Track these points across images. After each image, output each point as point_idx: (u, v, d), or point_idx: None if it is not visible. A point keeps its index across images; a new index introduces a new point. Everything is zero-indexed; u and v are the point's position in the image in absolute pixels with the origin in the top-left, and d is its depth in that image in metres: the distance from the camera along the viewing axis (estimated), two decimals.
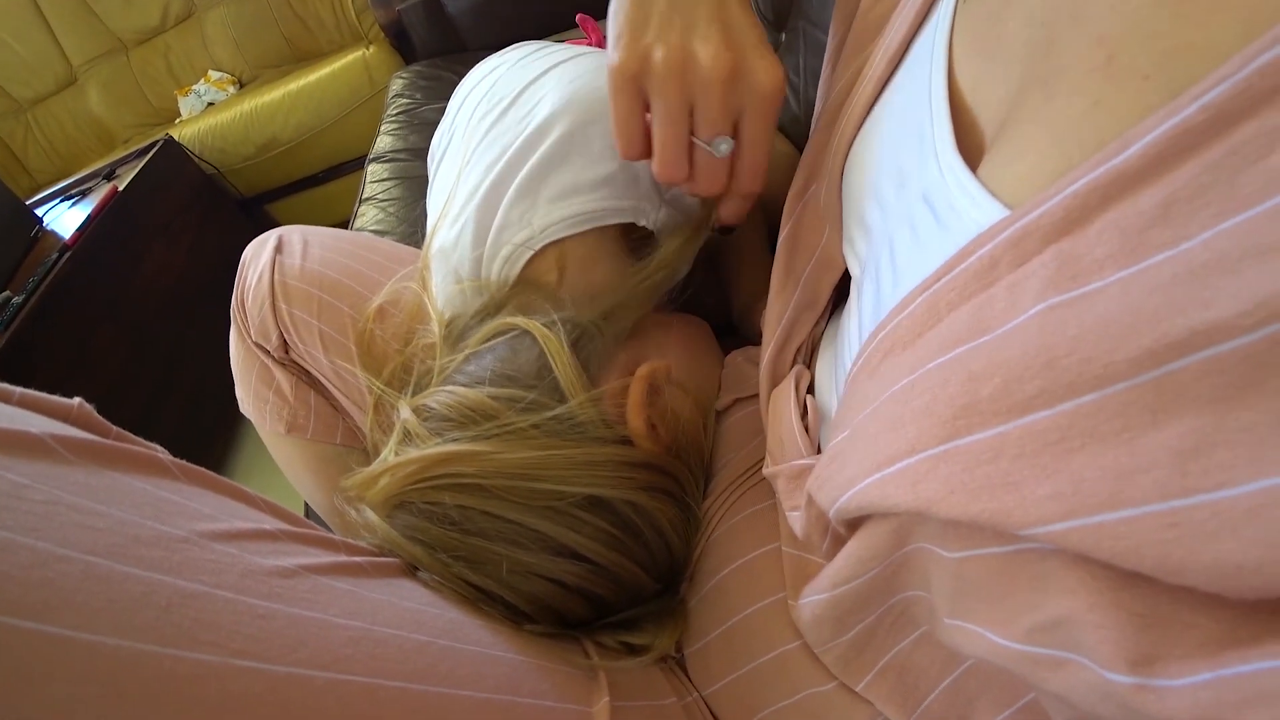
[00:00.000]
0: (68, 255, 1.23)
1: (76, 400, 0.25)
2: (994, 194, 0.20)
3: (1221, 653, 0.13)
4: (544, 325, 0.38)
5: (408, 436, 0.37)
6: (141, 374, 1.31)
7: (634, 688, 0.33)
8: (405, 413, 0.37)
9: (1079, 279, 0.16)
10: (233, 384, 0.58)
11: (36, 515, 0.19)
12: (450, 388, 0.37)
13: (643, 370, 0.38)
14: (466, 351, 0.39)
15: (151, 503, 0.22)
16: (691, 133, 0.35)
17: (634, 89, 0.34)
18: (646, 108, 0.35)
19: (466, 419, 0.35)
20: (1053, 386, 0.15)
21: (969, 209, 0.21)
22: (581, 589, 0.34)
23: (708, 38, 0.32)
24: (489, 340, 0.39)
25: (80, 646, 0.17)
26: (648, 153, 0.36)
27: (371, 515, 0.35)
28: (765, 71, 0.32)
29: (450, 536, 0.33)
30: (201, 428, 1.43)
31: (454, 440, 0.35)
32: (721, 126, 0.34)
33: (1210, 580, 0.13)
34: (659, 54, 0.33)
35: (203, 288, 1.55)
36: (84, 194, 1.47)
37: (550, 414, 0.35)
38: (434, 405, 0.36)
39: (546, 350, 0.37)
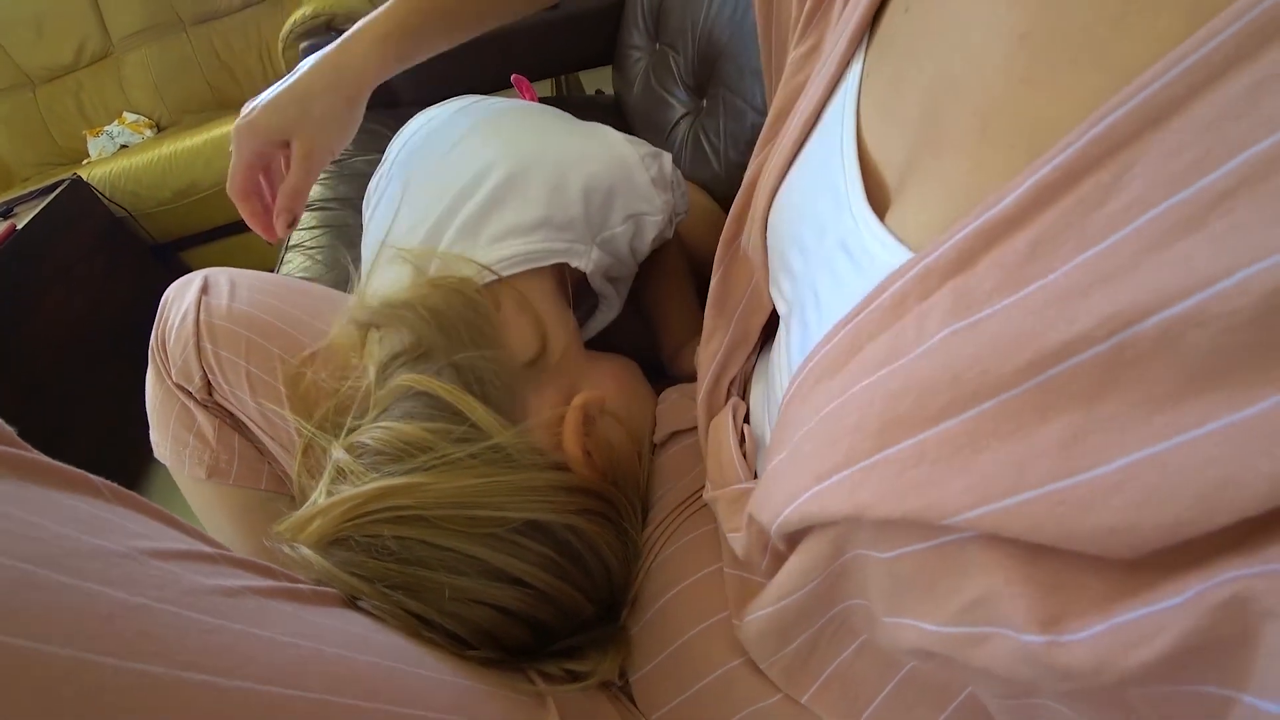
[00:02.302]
0: None
1: None
2: (900, 239, 0.23)
3: (1110, 606, 0.15)
4: (432, 375, 0.38)
5: (341, 475, 0.36)
6: (30, 428, 1.20)
7: (581, 715, 0.33)
8: (339, 452, 0.37)
9: (972, 308, 0.19)
10: (136, 437, 0.55)
11: None
12: (385, 423, 0.37)
13: (579, 399, 0.40)
14: (393, 384, 0.40)
15: (86, 519, 0.22)
16: None
17: None
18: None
19: (402, 452, 0.35)
20: (959, 397, 0.18)
21: (880, 253, 0.24)
22: (523, 614, 0.35)
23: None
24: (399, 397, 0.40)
25: (14, 653, 0.17)
26: None
27: (306, 551, 0.34)
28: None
29: (389, 568, 0.33)
30: None
31: (390, 475, 0.35)
32: None
33: (1094, 544, 0.15)
34: None
35: (105, 336, 1.45)
36: None
37: (486, 444, 0.36)
38: (369, 441, 0.36)
39: (450, 399, 0.37)
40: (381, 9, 0.55)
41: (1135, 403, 0.15)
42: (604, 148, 0.50)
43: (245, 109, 0.54)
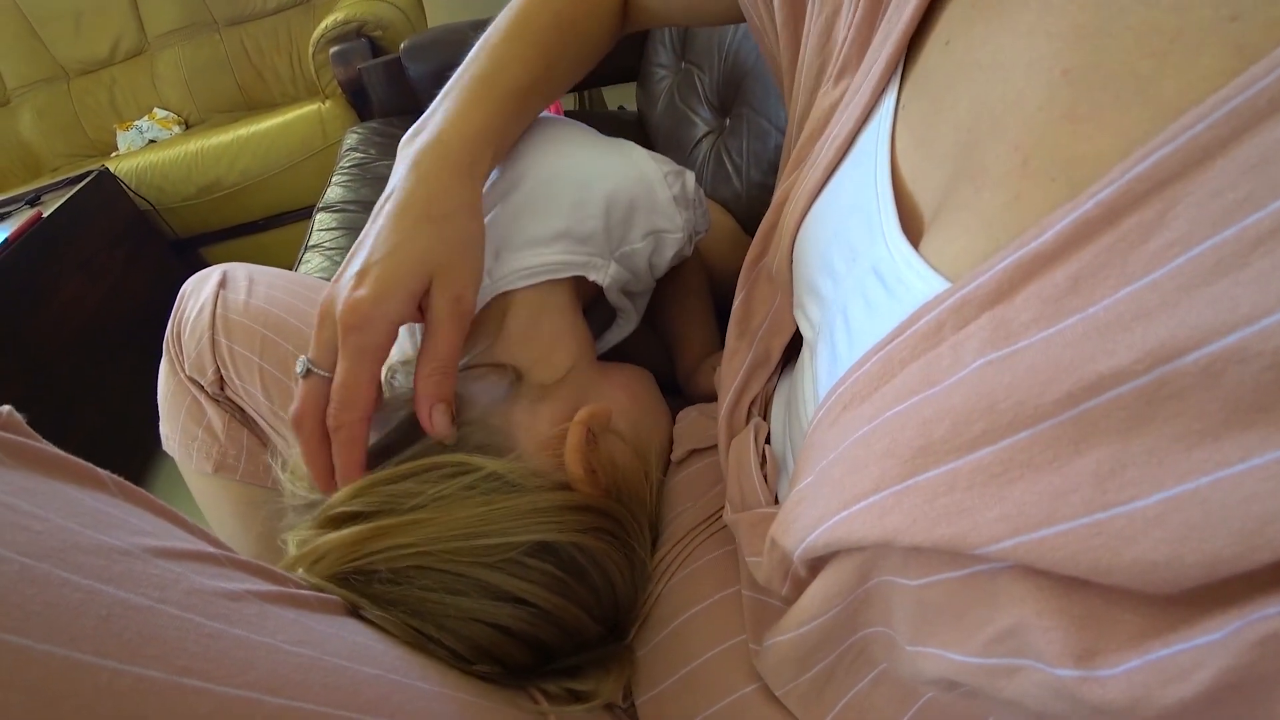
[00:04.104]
0: None
1: (6, 408, 0.24)
2: (935, 268, 0.23)
3: (1146, 642, 0.15)
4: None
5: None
6: (38, 413, 1.21)
7: None
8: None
9: (1010, 338, 0.19)
10: (143, 429, 0.55)
11: None
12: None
13: (581, 414, 0.39)
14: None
15: (90, 513, 0.21)
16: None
17: None
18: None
19: (392, 505, 0.34)
20: (994, 427, 0.18)
21: (915, 281, 0.24)
22: (524, 634, 0.34)
23: (339, 276, 0.36)
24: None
25: (9, 651, 0.16)
26: None
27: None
28: (342, 305, 0.34)
29: (389, 591, 0.32)
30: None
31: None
32: (314, 355, 0.35)
33: (1132, 578, 0.15)
34: None
35: (120, 327, 1.46)
36: (2, 218, 1.39)
37: (480, 474, 0.35)
38: (354, 508, 0.34)
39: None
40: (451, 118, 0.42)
41: (1174, 437, 0.15)
42: (627, 163, 0.50)
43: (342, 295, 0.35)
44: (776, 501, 0.34)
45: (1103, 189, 0.17)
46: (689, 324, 0.62)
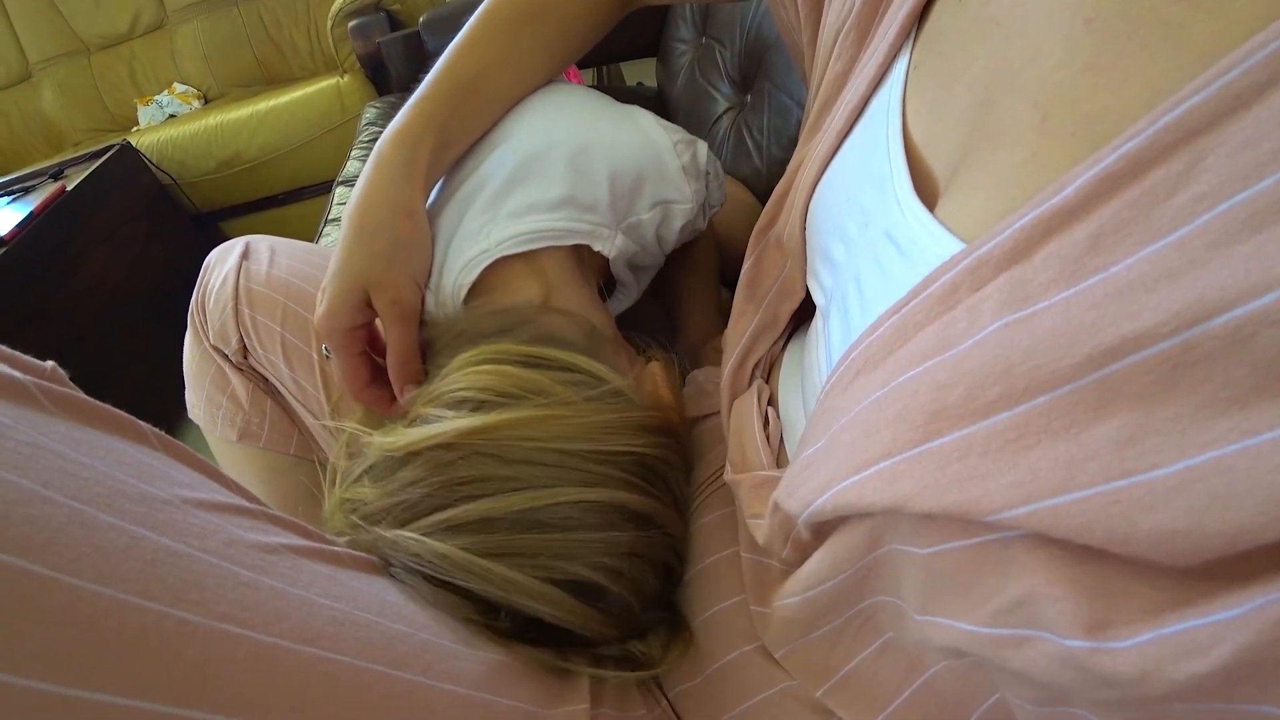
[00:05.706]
0: (1, 251, 1.17)
1: (50, 364, 0.24)
2: (951, 230, 0.23)
3: (1160, 615, 0.15)
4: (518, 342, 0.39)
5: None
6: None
7: (608, 698, 0.33)
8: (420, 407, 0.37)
9: (1028, 300, 0.18)
10: (166, 400, 0.56)
11: (21, 455, 0.18)
12: (486, 366, 0.36)
13: (660, 358, 0.42)
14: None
15: (133, 463, 0.22)
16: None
17: None
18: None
19: (513, 396, 0.35)
20: (1010, 391, 0.18)
21: (929, 244, 0.23)
22: (624, 568, 0.34)
23: None
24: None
25: (61, 588, 0.17)
26: None
27: (355, 518, 0.33)
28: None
29: (452, 489, 0.32)
30: None
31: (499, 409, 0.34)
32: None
33: (1150, 547, 0.14)
34: None
35: (143, 301, 1.49)
36: (27, 191, 1.42)
37: (608, 388, 0.37)
38: (462, 390, 0.35)
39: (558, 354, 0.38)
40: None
41: (1200, 404, 0.14)
42: (635, 131, 0.49)
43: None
44: (779, 464, 0.34)
45: (1127, 141, 0.16)
46: (695, 303, 0.62)
